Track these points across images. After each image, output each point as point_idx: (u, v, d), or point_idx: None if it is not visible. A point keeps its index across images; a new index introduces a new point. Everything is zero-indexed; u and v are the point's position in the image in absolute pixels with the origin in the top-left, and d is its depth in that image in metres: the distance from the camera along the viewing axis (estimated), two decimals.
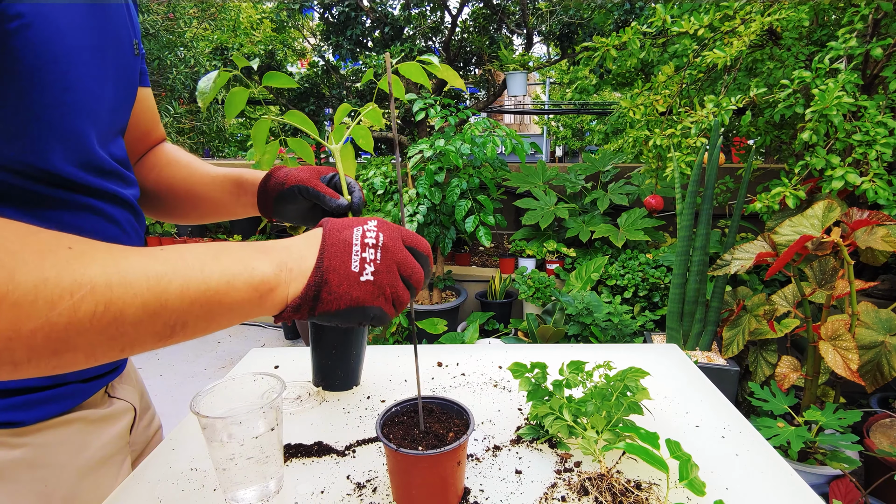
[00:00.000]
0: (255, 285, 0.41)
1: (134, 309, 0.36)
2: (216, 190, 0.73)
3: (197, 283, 0.38)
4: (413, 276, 0.47)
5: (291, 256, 0.44)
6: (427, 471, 0.55)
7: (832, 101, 1.40)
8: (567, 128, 6.67)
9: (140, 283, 0.36)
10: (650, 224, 2.79)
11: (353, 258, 0.44)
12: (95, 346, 0.35)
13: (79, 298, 0.34)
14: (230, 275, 0.40)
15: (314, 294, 0.43)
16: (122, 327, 0.36)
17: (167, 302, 0.37)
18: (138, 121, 0.72)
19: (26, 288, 0.32)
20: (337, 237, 0.46)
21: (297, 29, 3.90)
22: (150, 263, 0.37)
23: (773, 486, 0.62)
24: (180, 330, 0.39)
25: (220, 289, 0.39)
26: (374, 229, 0.46)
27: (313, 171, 0.67)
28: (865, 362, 1.49)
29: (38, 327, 0.32)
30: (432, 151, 2.40)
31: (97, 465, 0.62)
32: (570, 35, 3.19)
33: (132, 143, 0.73)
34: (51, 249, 0.34)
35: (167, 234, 3.88)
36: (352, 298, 0.44)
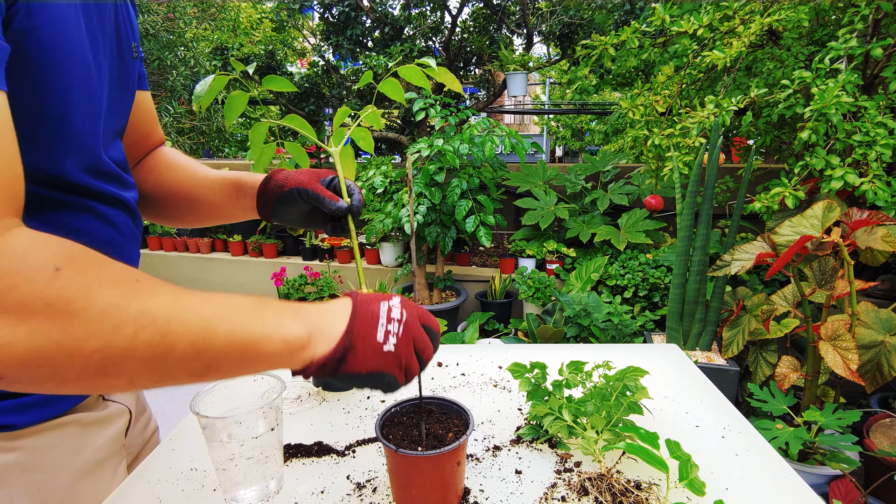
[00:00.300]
0: (290, 341, 0.44)
1: (184, 345, 0.38)
2: (215, 193, 0.73)
3: (242, 331, 0.42)
4: (425, 353, 0.52)
5: (323, 321, 0.48)
6: (427, 471, 0.55)
7: (831, 100, 1.40)
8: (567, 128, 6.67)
9: (194, 323, 0.39)
10: (651, 225, 2.79)
11: (380, 329, 0.49)
12: (138, 374, 0.38)
13: (140, 327, 0.36)
14: (271, 328, 0.43)
15: (341, 356, 0.47)
16: (168, 360, 0.38)
17: (213, 344, 0.40)
18: (137, 123, 0.72)
19: (99, 309, 0.35)
20: (366, 309, 0.50)
21: (297, 29, 3.90)
22: (206, 306, 0.41)
23: (773, 486, 0.62)
24: (213, 371, 0.41)
25: (260, 339, 0.42)
26: (399, 305, 0.51)
27: (313, 173, 0.67)
28: (865, 362, 1.49)
29: (99, 348, 0.35)
30: (430, 151, 2.40)
31: (92, 467, 0.61)
32: (570, 35, 3.19)
33: (131, 145, 0.73)
34: (123, 279, 0.38)
35: (167, 234, 3.88)
36: (373, 365, 0.48)
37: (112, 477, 0.65)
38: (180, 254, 3.84)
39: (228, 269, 3.74)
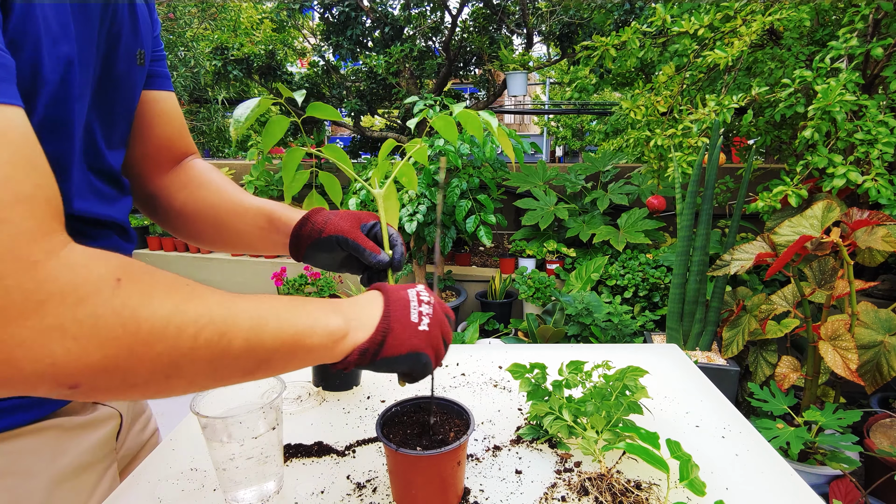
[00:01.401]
0: (331, 331, 0.46)
1: (239, 342, 0.40)
2: (246, 223, 0.69)
3: (288, 326, 0.44)
4: (447, 336, 0.55)
5: (358, 311, 0.50)
6: (427, 471, 0.55)
7: (835, 97, 1.40)
8: (567, 128, 6.66)
9: (246, 322, 0.41)
10: (650, 225, 2.79)
11: (412, 311, 0.52)
12: (199, 374, 0.40)
13: (201, 326, 0.38)
14: (312, 321, 0.46)
15: (381, 339, 0.49)
16: (226, 359, 0.40)
17: (264, 340, 0.42)
18: (157, 127, 0.69)
19: (162, 314, 0.37)
20: (397, 295, 0.53)
21: (297, 29, 3.89)
22: (252, 305, 0.43)
23: (773, 486, 0.62)
24: (265, 367, 0.43)
25: (304, 332, 0.45)
26: (425, 291, 0.55)
27: (354, 218, 0.64)
28: (865, 362, 1.49)
29: (166, 351, 0.37)
30: (431, 151, 2.40)
31: (74, 472, 0.60)
32: (570, 35, 3.19)
33: (153, 152, 0.70)
34: (177, 284, 0.40)
35: (167, 234, 3.88)
36: (412, 345, 0.50)
37: (97, 482, 0.63)
38: (180, 254, 3.84)
39: (228, 269, 3.74)
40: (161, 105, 0.70)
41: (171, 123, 0.71)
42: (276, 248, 0.69)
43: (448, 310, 0.58)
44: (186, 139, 0.75)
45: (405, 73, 3.26)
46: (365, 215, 0.65)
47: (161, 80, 0.69)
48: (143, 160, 0.70)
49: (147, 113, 0.68)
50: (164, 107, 0.70)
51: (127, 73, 0.59)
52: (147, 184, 0.72)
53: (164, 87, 0.70)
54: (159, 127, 0.70)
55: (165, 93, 0.70)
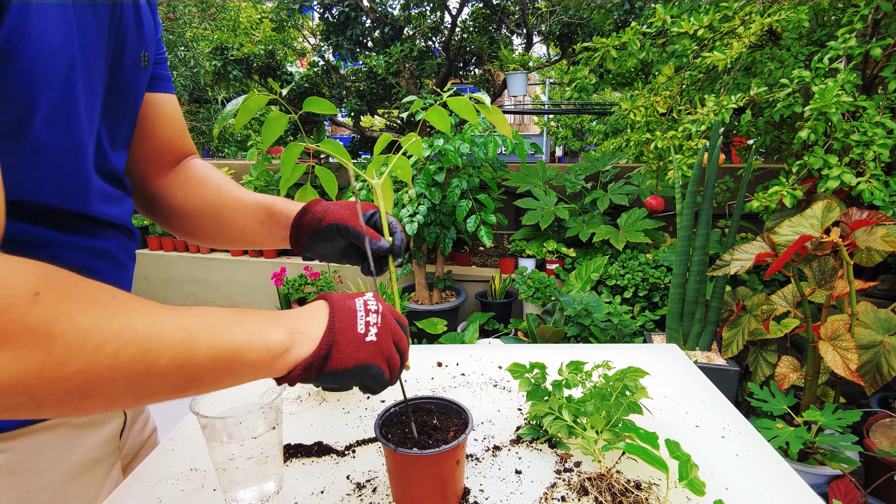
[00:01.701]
0: (271, 347, 0.44)
1: (165, 360, 0.38)
2: (246, 217, 0.70)
3: (222, 342, 0.41)
4: (401, 343, 0.53)
5: (302, 322, 0.48)
6: (426, 470, 0.55)
7: (831, 98, 1.40)
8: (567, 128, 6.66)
9: (175, 336, 0.39)
10: (650, 225, 2.79)
11: (360, 321, 0.49)
12: (120, 393, 0.37)
13: (122, 345, 0.36)
14: (250, 336, 0.43)
15: (325, 353, 0.47)
16: (150, 378, 0.38)
17: (195, 356, 0.40)
18: (158, 129, 0.69)
19: (79, 331, 0.34)
20: (343, 304, 0.51)
21: (296, 29, 3.90)
22: (184, 319, 0.40)
23: (773, 486, 0.62)
24: (196, 385, 0.41)
25: (241, 347, 0.42)
26: (373, 299, 0.52)
27: (353, 207, 0.64)
28: (865, 362, 1.49)
29: (81, 370, 0.34)
30: (431, 151, 2.40)
31: (83, 469, 0.61)
32: (569, 35, 3.19)
33: (154, 153, 0.70)
34: (99, 297, 0.37)
35: (167, 234, 3.88)
36: (359, 357, 0.48)
37: (104, 479, 0.64)
38: (180, 254, 3.84)
39: (228, 269, 3.74)
40: (162, 107, 0.70)
41: (172, 125, 0.71)
42: (276, 241, 0.69)
43: (400, 316, 0.55)
44: (186, 140, 0.75)
45: (405, 73, 3.26)
46: (363, 205, 0.65)
47: (163, 82, 0.69)
48: (144, 161, 0.70)
49: (149, 115, 0.68)
50: (165, 109, 0.70)
51: (132, 76, 0.59)
52: (147, 184, 0.72)
53: (165, 89, 0.70)
54: (160, 129, 0.70)
55: (167, 95, 0.70)
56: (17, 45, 0.40)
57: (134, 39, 0.58)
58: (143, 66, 0.61)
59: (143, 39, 0.60)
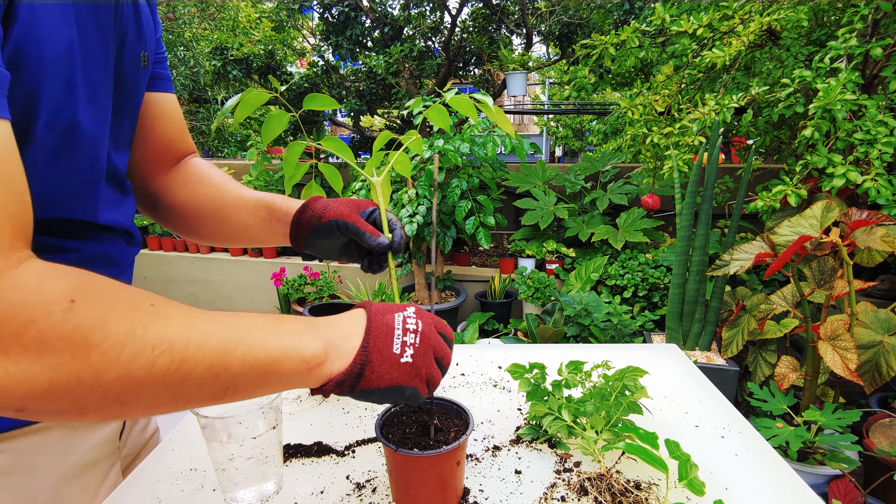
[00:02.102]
0: (307, 359, 0.43)
1: (201, 369, 0.38)
2: (247, 215, 0.69)
3: (258, 351, 0.41)
4: (444, 359, 0.51)
5: (339, 335, 0.47)
6: (426, 471, 0.55)
7: (836, 96, 1.40)
8: (567, 128, 6.66)
9: (211, 346, 0.39)
10: (649, 224, 2.79)
11: (395, 341, 0.48)
12: (158, 399, 0.38)
13: (158, 353, 0.36)
14: (286, 346, 0.43)
15: (358, 372, 0.45)
16: (187, 385, 0.38)
17: (230, 366, 0.39)
18: (159, 128, 0.69)
19: (116, 339, 0.35)
20: (381, 320, 0.49)
21: (296, 29, 3.89)
22: (221, 327, 0.40)
23: (773, 486, 0.62)
24: (232, 392, 0.41)
25: (276, 358, 0.42)
26: (414, 316, 0.50)
27: (352, 204, 0.63)
28: (864, 362, 1.49)
29: (118, 377, 0.35)
30: (431, 152, 2.40)
31: (80, 470, 0.60)
32: (569, 35, 3.19)
33: (154, 153, 0.70)
34: (138, 305, 0.37)
35: (167, 234, 3.88)
36: (392, 379, 0.47)
37: (103, 479, 0.64)
38: (180, 254, 3.84)
39: (228, 269, 3.74)
40: (162, 107, 0.70)
41: (172, 125, 0.71)
42: (276, 238, 0.69)
43: (445, 327, 0.54)
44: (186, 139, 0.75)
45: (405, 74, 3.26)
46: (363, 202, 0.64)
47: (162, 81, 0.69)
48: (145, 161, 0.70)
49: (149, 115, 0.68)
50: (165, 108, 0.70)
51: (132, 76, 0.59)
52: (148, 184, 0.72)
53: (165, 88, 0.70)
54: (161, 128, 0.70)
55: (167, 94, 0.70)
56: (26, 51, 0.40)
57: (134, 39, 0.58)
58: (142, 66, 0.61)
59: (143, 39, 0.60)
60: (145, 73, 0.62)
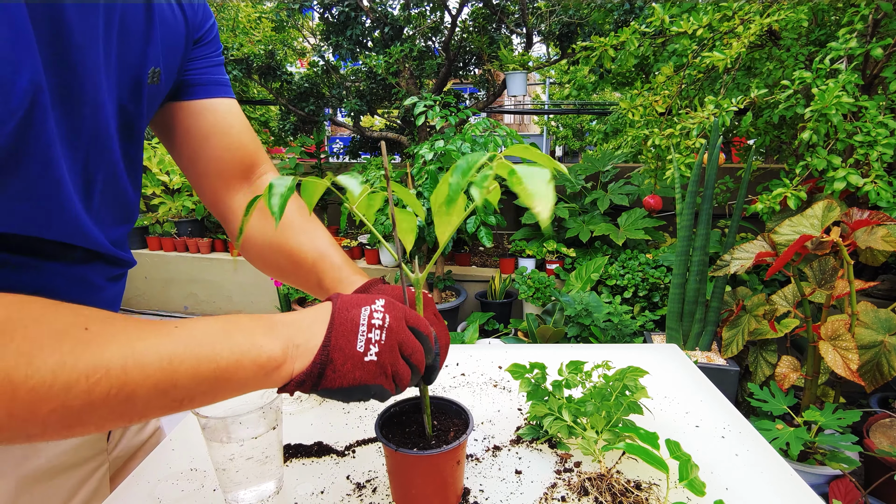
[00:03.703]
0: (262, 363, 0.42)
1: (145, 389, 0.37)
2: (299, 277, 0.65)
3: (207, 363, 0.39)
4: (414, 356, 0.48)
5: (300, 333, 0.45)
6: (426, 470, 0.55)
7: (832, 100, 1.40)
8: (567, 128, 6.67)
9: (153, 365, 0.37)
10: (650, 224, 2.79)
11: (359, 338, 0.45)
12: (106, 419, 0.37)
13: (94, 382, 0.35)
14: (239, 353, 0.41)
15: (319, 371, 0.44)
16: (133, 404, 0.37)
17: (178, 381, 0.38)
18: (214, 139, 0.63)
19: (44, 373, 0.33)
20: (346, 316, 0.46)
21: (296, 29, 3.89)
22: (164, 343, 0.38)
23: (773, 486, 0.62)
24: (187, 403, 0.40)
25: (228, 367, 0.40)
26: (382, 310, 0.47)
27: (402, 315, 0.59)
28: (865, 362, 1.49)
29: (54, 409, 0.34)
30: (433, 153, 2.40)
31: (48, 474, 0.58)
32: (569, 35, 3.19)
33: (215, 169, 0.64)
34: (68, 331, 0.35)
35: (167, 234, 3.88)
36: (354, 378, 0.44)
37: (80, 484, 0.61)
38: (180, 254, 3.84)
39: (228, 269, 3.74)
40: (214, 116, 0.63)
41: (228, 134, 0.65)
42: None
43: (419, 321, 0.49)
44: (248, 150, 0.67)
45: (405, 73, 3.26)
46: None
47: (213, 87, 0.63)
48: (205, 178, 0.65)
49: (199, 126, 0.63)
50: (218, 117, 0.64)
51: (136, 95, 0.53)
52: (219, 202, 0.67)
53: (217, 94, 0.64)
54: (215, 138, 0.64)
55: (219, 100, 0.64)
56: None
57: (141, 58, 0.53)
58: (150, 81, 0.55)
59: (152, 47, 0.54)
60: (156, 89, 0.57)
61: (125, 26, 0.50)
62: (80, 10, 0.43)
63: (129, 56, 0.52)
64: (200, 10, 0.62)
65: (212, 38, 0.64)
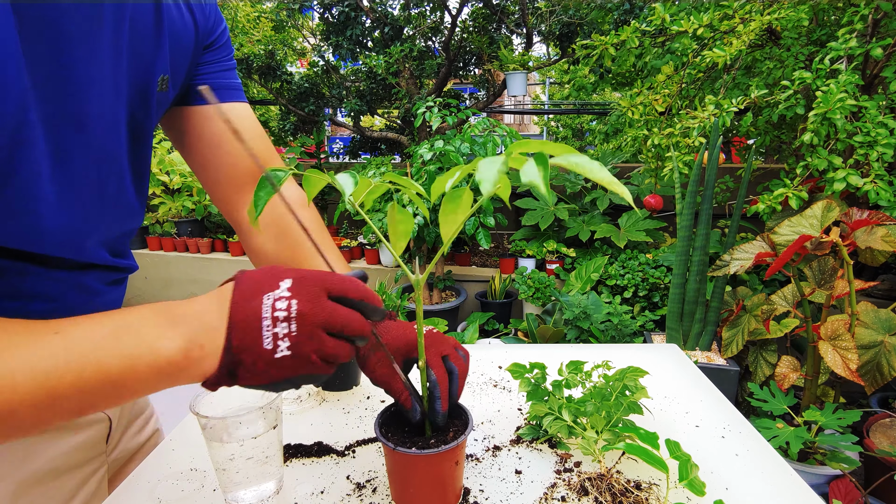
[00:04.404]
0: (161, 367, 0.38)
1: (25, 407, 0.35)
2: None
3: (92, 372, 0.36)
4: (347, 328, 0.42)
5: (203, 328, 0.40)
6: (424, 470, 0.55)
7: (835, 103, 1.40)
8: (567, 128, 6.67)
9: (27, 385, 0.35)
10: (651, 225, 2.79)
11: (265, 335, 0.40)
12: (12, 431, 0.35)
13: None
14: (131, 358, 0.37)
15: (228, 373, 0.40)
16: (19, 420, 0.35)
17: (62, 395, 0.36)
18: (226, 145, 0.61)
19: None
20: (246, 309, 0.40)
21: (296, 29, 3.90)
22: (40, 357, 0.35)
23: (773, 486, 0.62)
24: (88, 409, 0.38)
25: (121, 373, 0.37)
26: (287, 295, 0.41)
27: (405, 345, 0.56)
28: (865, 362, 1.49)
29: None
30: (432, 154, 2.40)
31: (47, 476, 0.57)
32: (569, 35, 3.19)
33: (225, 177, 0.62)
34: None
35: (167, 234, 3.88)
36: (270, 376, 0.41)
37: (79, 486, 0.61)
38: (180, 254, 3.84)
39: (228, 269, 3.74)
40: (220, 122, 0.62)
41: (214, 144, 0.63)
42: None
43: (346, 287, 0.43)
44: (261, 157, 0.64)
45: (405, 73, 3.26)
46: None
47: (224, 92, 0.62)
48: (217, 185, 0.64)
49: (211, 132, 0.62)
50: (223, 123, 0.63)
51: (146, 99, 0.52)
52: (231, 210, 0.66)
53: (229, 99, 0.63)
54: (227, 144, 0.62)
55: (230, 105, 0.63)
56: None
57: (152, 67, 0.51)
58: (160, 89, 0.54)
59: (160, 53, 0.53)
60: (164, 96, 0.56)
61: (135, 35, 0.49)
62: (84, 21, 0.42)
63: (139, 65, 0.50)
64: (212, 15, 0.60)
65: (223, 42, 0.63)
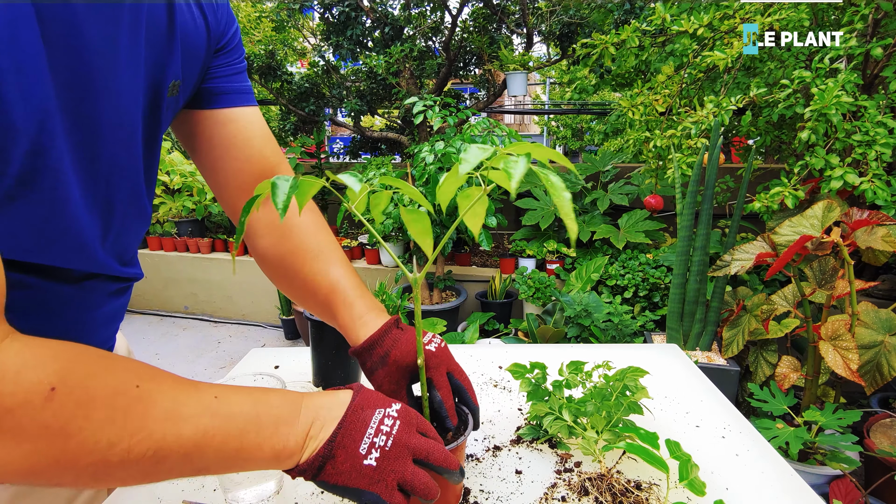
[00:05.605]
0: (278, 452, 0.43)
1: (175, 457, 0.39)
2: (314, 306, 0.65)
3: (233, 441, 0.41)
4: (431, 456, 0.47)
5: (318, 424, 0.45)
6: None
7: (831, 100, 1.40)
8: (567, 128, 6.67)
9: (188, 436, 0.39)
10: (651, 226, 2.79)
11: (364, 440, 0.45)
12: (131, 477, 0.38)
13: (136, 442, 0.36)
14: (261, 438, 0.42)
15: (320, 465, 0.44)
16: (159, 468, 0.39)
17: (204, 454, 0.40)
18: (234, 150, 0.61)
19: (95, 428, 0.35)
20: (359, 416, 0.46)
21: (297, 29, 3.90)
22: (203, 414, 0.40)
23: (773, 486, 0.62)
24: (202, 472, 0.42)
25: (250, 449, 0.42)
26: (394, 416, 0.47)
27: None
28: (865, 362, 1.49)
29: (94, 462, 0.35)
30: (433, 155, 2.40)
31: None
32: (570, 35, 3.19)
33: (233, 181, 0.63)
34: (120, 389, 0.37)
35: (167, 234, 3.88)
36: (350, 479, 0.44)
37: (75, 492, 0.61)
38: (180, 254, 3.84)
39: (228, 269, 3.74)
40: (236, 126, 0.62)
41: (249, 145, 0.63)
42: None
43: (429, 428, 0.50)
44: (269, 162, 0.65)
45: (405, 73, 3.26)
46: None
47: (235, 96, 0.62)
48: (226, 189, 0.64)
49: (221, 136, 0.61)
50: (239, 127, 0.62)
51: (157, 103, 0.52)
52: (239, 214, 0.64)
53: (239, 103, 0.62)
54: (236, 149, 0.62)
55: (240, 110, 0.62)
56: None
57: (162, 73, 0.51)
58: (170, 94, 0.53)
59: (173, 58, 0.52)
60: (174, 101, 0.55)
61: (150, 38, 0.48)
62: (103, 26, 0.42)
63: (153, 70, 0.50)
64: (224, 17, 0.60)
65: (235, 44, 0.63)
